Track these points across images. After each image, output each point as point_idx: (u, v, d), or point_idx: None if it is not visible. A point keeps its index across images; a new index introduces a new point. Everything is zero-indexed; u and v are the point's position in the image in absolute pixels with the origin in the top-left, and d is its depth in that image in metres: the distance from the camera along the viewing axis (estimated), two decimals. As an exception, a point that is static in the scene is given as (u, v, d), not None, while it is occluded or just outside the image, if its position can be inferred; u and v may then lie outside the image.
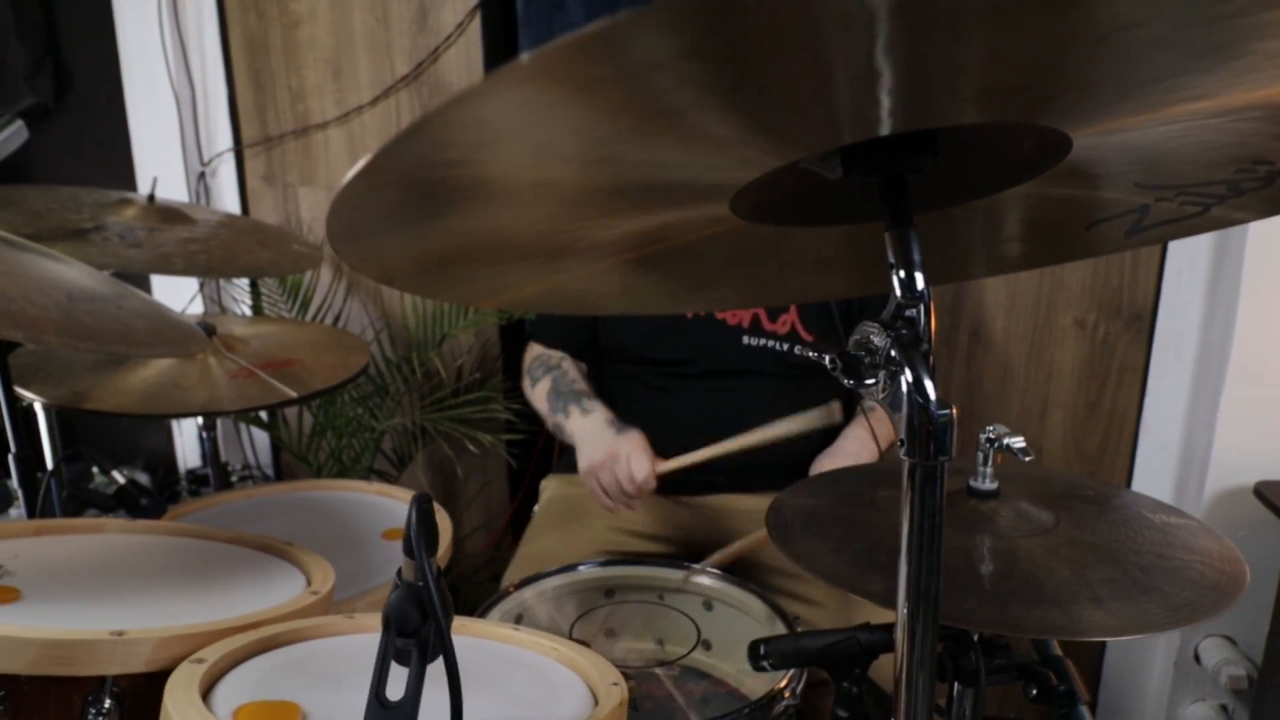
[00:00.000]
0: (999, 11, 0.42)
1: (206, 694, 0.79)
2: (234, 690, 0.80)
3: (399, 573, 0.69)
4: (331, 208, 0.50)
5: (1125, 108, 0.53)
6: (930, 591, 0.62)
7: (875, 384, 0.61)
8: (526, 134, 0.45)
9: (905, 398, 0.59)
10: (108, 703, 0.85)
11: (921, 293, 0.60)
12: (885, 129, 0.57)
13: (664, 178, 0.58)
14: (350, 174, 0.45)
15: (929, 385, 0.59)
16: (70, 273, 1.18)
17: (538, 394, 1.73)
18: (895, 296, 0.61)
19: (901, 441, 0.60)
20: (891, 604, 0.74)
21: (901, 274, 0.61)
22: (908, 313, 0.60)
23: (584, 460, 1.54)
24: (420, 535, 0.62)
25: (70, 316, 1.03)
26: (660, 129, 0.49)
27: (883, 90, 0.51)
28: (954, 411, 0.59)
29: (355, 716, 0.71)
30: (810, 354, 0.66)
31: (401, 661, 0.66)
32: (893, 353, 0.60)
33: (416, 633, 0.64)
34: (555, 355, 1.76)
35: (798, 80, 0.48)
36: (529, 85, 0.39)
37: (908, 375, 0.59)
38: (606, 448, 1.51)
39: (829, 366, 0.62)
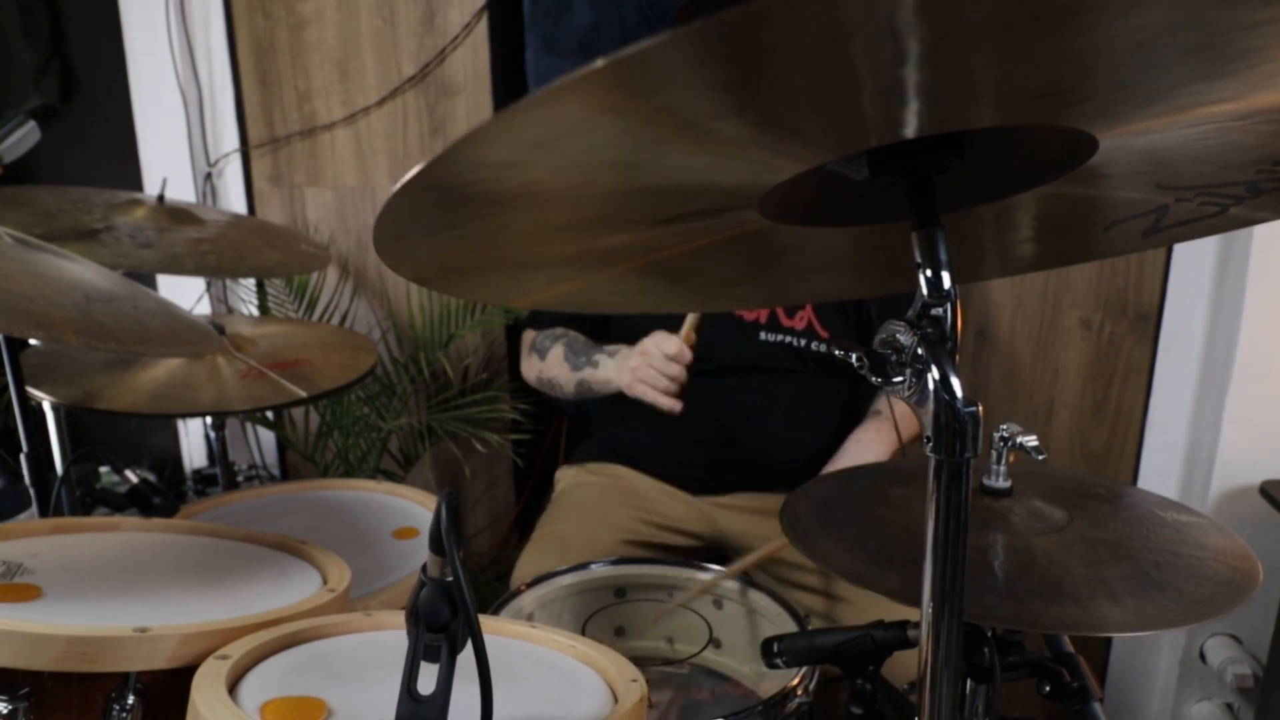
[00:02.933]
0: (1027, 22, 0.42)
1: (232, 690, 0.79)
2: (259, 686, 0.81)
3: (424, 568, 0.69)
4: (381, 212, 0.50)
5: (1153, 110, 0.54)
6: (955, 588, 0.62)
7: (902, 382, 0.62)
8: (573, 140, 0.46)
9: (932, 395, 0.60)
10: (131, 699, 0.86)
11: (948, 291, 0.61)
12: (911, 132, 0.58)
13: (697, 180, 0.59)
14: (403, 180, 0.45)
15: (955, 383, 0.60)
16: (86, 273, 1.18)
17: (551, 362, 1.71)
18: (922, 295, 0.62)
19: (927, 439, 0.61)
20: (909, 600, 0.75)
21: (928, 273, 0.61)
22: (934, 311, 0.61)
23: (623, 378, 1.55)
24: (450, 531, 0.63)
25: (89, 317, 1.04)
26: (697, 134, 0.49)
27: (909, 97, 0.51)
28: (980, 409, 0.60)
29: (379, 712, 0.71)
30: (837, 353, 0.67)
31: (429, 657, 0.67)
32: (919, 351, 0.60)
33: (446, 628, 0.65)
34: (559, 329, 1.74)
35: (826, 89, 0.49)
36: (590, 92, 0.40)
37: (934, 373, 0.60)
38: (635, 354, 1.52)
39: (856, 365, 0.62)
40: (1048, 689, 0.97)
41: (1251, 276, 1.72)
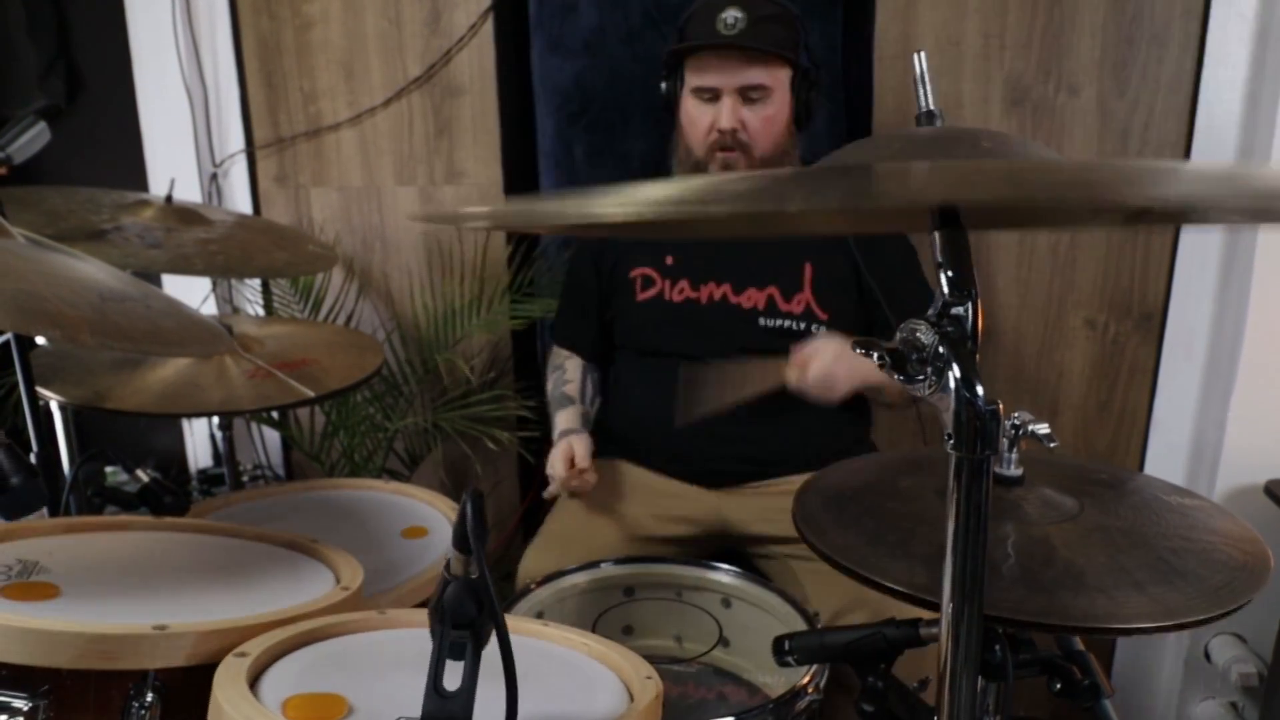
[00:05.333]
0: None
1: (252, 687, 0.80)
2: (278, 683, 0.81)
3: (447, 566, 0.70)
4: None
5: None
6: (975, 586, 0.63)
7: (923, 380, 0.62)
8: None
9: (952, 393, 0.60)
10: (150, 696, 0.86)
11: (970, 291, 0.62)
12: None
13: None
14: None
15: (976, 381, 0.60)
16: (99, 273, 1.19)
17: (547, 389, 1.87)
18: (943, 294, 0.62)
19: (948, 436, 0.61)
20: (933, 595, 0.75)
21: (950, 273, 0.62)
22: (954, 310, 0.62)
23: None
24: (476, 529, 0.64)
25: (104, 316, 1.04)
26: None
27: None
28: (1000, 407, 0.60)
29: (399, 708, 0.72)
30: (858, 351, 0.67)
31: (453, 653, 0.67)
32: (940, 349, 0.61)
33: (471, 625, 0.65)
34: (562, 355, 1.87)
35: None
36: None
37: (955, 371, 0.60)
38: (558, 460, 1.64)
39: (878, 363, 0.63)
40: (1059, 686, 0.97)
41: (1256, 276, 1.72)
